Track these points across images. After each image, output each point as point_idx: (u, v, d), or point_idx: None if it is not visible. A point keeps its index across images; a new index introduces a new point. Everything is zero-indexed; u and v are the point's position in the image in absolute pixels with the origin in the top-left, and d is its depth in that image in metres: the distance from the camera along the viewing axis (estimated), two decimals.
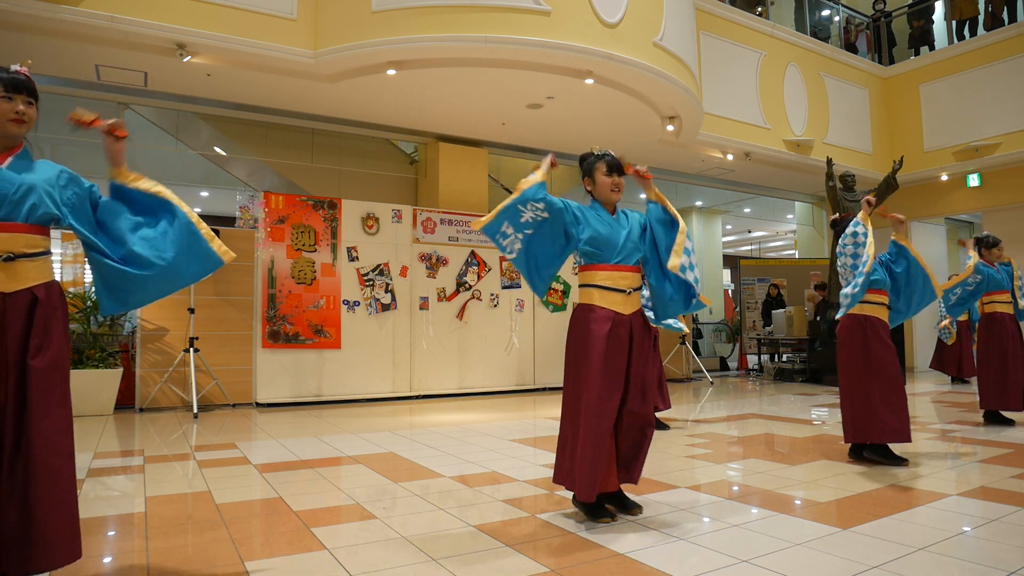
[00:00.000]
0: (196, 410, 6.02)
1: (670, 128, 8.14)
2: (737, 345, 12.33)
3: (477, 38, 6.00)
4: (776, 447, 4.53)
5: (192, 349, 6.26)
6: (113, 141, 2.13)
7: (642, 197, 2.99)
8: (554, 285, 8.49)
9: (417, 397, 7.45)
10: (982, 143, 9.76)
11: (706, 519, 2.81)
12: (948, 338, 8.91)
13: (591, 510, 2.75)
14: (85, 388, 5.89)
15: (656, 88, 7.02)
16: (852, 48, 11.43)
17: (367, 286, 7.21)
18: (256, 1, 6.09)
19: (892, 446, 3.99)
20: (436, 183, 8.64)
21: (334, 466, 3.93)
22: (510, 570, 2.21)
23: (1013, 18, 9.95)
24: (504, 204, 2.64)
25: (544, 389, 8.28)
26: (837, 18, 11.78)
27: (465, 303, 7.82)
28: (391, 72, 6.42)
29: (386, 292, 7.31)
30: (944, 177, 10.65)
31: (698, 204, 13.92)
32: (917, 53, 11.17)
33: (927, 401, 7.22)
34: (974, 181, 10.41)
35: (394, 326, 7.34)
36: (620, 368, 2.73)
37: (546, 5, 6.11)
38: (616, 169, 2.84)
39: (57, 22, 5.41)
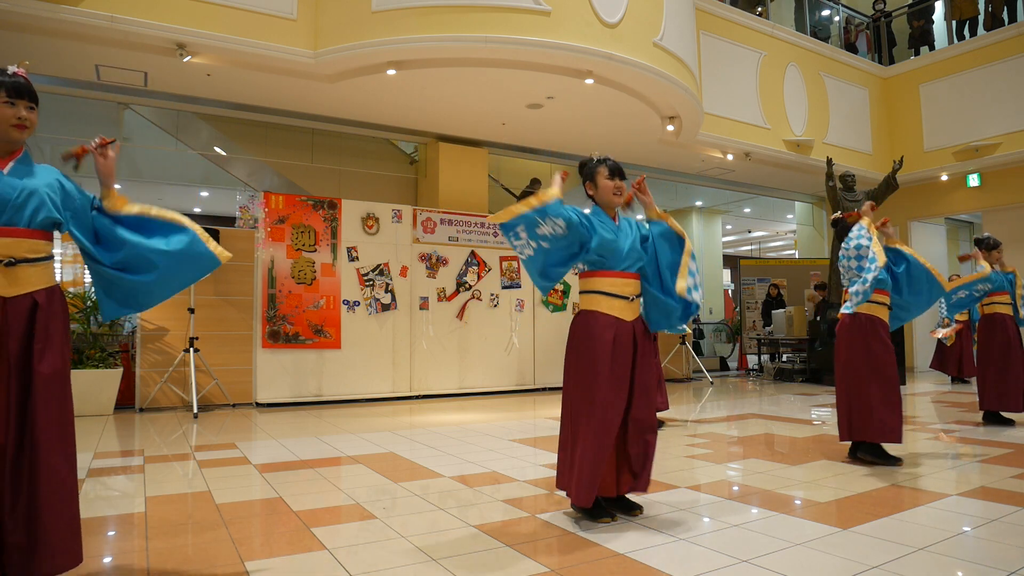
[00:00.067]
0: (196, 410, 6.02)
1: (670, 128, 8.14)
2: (737, 345, 12.33)
3: (477, 38, 6.00)
4: (776, 447, 4.53)
5: (192, 349, 6.27)
6: (103, 160, 2.13)
7: (640, 217, 2.99)
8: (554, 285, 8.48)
9: (417, 397, 7.45)
10: (982, 143, 9.76)
11: (706, 519, 2.81)
12: (948, 340, 8.95)
13: (591, 511, 2.76)
14: (85, 388, 5.90)
15: (656, 88, 7.02)
16: (852, 48, 11.43)
17: (367, 286, 7.21)
18: (256, 1, 6.09)
19: (885, 446, 3.99)
20: (436, 183, 8.64)
21: (334, 466, 3.93)
22: (510, 570, 2.21)
23: (1013, 18, 9.95)
24: (523, 210, 2.56)
25: (544, 389, 8.28)
26: (837, 18, 11.78)
27: (465, 303, 7.82)
28: (391, 72, 6.42)
29: (386, 292, 7.31)
30: (944, 177, 10.65)
31: (698, 204, 13.92)
32: (917, 53, 11.17)
33: (927, 401, 7.21)
34: (974, 181, 10.41)
35: (394, 326, 7.34)
36: (625, 375, 2.73)
37: (546, 5, 6.12)
38: (618, 173, 2.84)
39: (57, 22, 5.42)
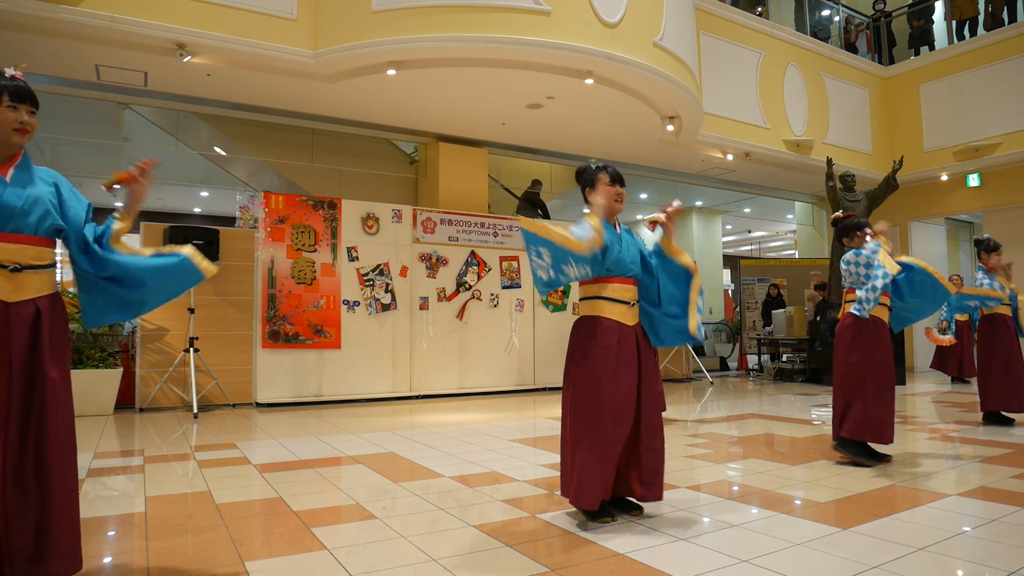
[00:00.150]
0: (196, 410, 6.02)
1: (670, 128, 8.14)
2: (737, 345, 12.33)
3: (477, 38, 6.00)
4: (776, 447, 4.53)
5: (192, 349, 6.26)
6: (140, 188, 2.14)
7: (647, 235, 2.98)
8: None
9: (417, 397, 7.45)
10: (982, 143, 9.76)
11: (706, 519, 2.81)
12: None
13: (592, 511, 2.75)
14: (85, 388, 5.89)
15: (656, 88, 7.02)
16: (852, 48, 11.43)
17: (367, 286, 7.21)
18: (256, 1, 6.09)
19: (875, 445, 4.01)
20: (436, 183, 8.64)
21: (334, 466, 3.93)
22: (510, 570, 2.22)
23: (1013, 18, 9.95)
24: (555, 239, 2.49)
25: (544, 389, 8.28)
26: (837, 18, 11.78)
27: (465, 303, 7.82)
28: (391, 72, 6.42)
29: (386, 292, 7.31)
30: (944, 177, 10.65)
31: (698, 204, 13.91)
32: (917, 53, 11.17)
33: (927, 401, 7.21)
34: (974, 181, 10.41)
35: (394, 326, 7.34)
36: (632, 378, 2.73)
37: (546, 5, 6.12)
38: (619, 180, 2.85)
39: (57, 22, 5.42)
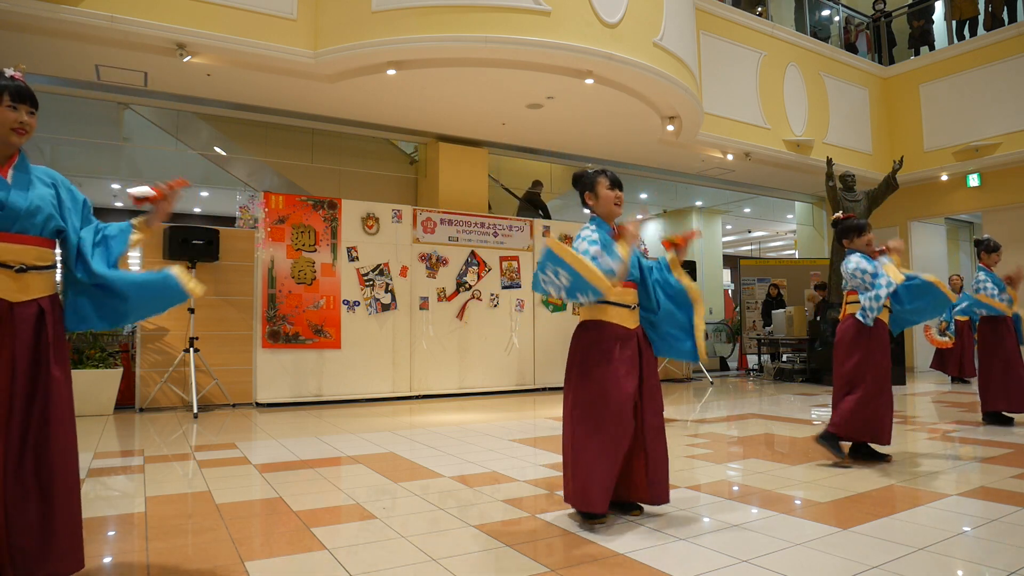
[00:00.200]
0: (196, 410, 6.02)
1: (670, 128, 8.14)
2: (737, 345, 12.33)
3: (477, 38, 6.00)
4: (776, 447, 4.53)
5: (192, 349, 6.27)
6: (168, 204, 2.19)
7: (647, 241, 2.99)
8: None
9: (417, 397, 7.45)
10: (982, 143, 9.76)
11: (706, 519, 2.81)
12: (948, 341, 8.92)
13: (588, 512, 2.73)
14: (85, 388, 5.89)
15: (656, 88, 7.02)
16: (852, 48, 11.43)
17: (367, 286, 7.21)
18: (256, 1, 6.09)
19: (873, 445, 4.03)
20: (436, 183, 8.63)
21: (334, 466, 3.93)
22: (510, 570, 2.21)
23: (1013, 18, 9.95)
24: (582, 271, 2.47)
25: (544, 389, 8.28)
26: (837, 18, 11.78)
27: (465, 303, 7.82)
28: (391, 72, 6.42)
29: (386, 292, 7.31)
30: (944, 177, 10.65)
31: (698, 204, 13.91)
32: (917, 53, 11.17)
33: (927, 401, 7.21)
34: (974, 181, 10.40)
35: (394, 326, 7.34)
36: (634, 382, 2.73)
37: (546, 5, 6.12)
38: (618, 184, 2.85)
39: (57, 22, 5.42)
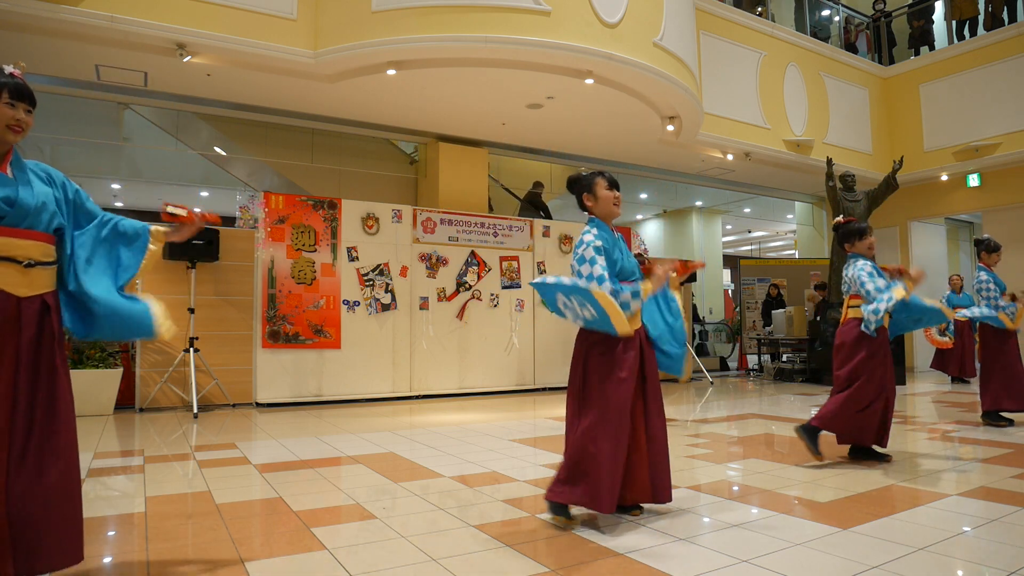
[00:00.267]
0: (196, 410, 6.02)
1: (670, 128, 8.14)
2: (737, 345, 12.33)
3: (477, 38, 6.00)
4: (776, 447, 4.52)
5: (192, 349, 6.27)
6: (193, 229, 2.25)
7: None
8: None
9: (417, 397, 7.45)
10: (982, 143, 9.76)
11: (706, 519, 2.81)
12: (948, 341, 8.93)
13: (563, 509, 2.70)
14: (85, 388, 5.89)
15: (656, 88, 7.02)
16: (852, 48, 11.42)
17: (367, 286, 7.21)
18: (256, 1, 6.09)
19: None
20: (436, 183, 8.63)
21: (334, 466, 3.93)
22: (510, 570, 2.21)
23: (1013, 18, 9.95)
24: (610, 312, 2.52)
25: (544, 389, 8.28)
26: (837, 18, 11.78)
27: (465, 303, 7.82)
28: (391, 72, 6.42)
29: (386, 292, 7.31)
30: (944, 177, 10.65)
31: (698, 204, 13.92)
32: (917, 53, 11.17)
33: (927, 401, 7.21)
34: (974, 181, 10.40)
35: (394, 326, 7.34)
36: (638, 383, 2.74)
37: (546, 5, 6.12)
38: (616, 185, 2.86)
39: (57, 22, 5.42)
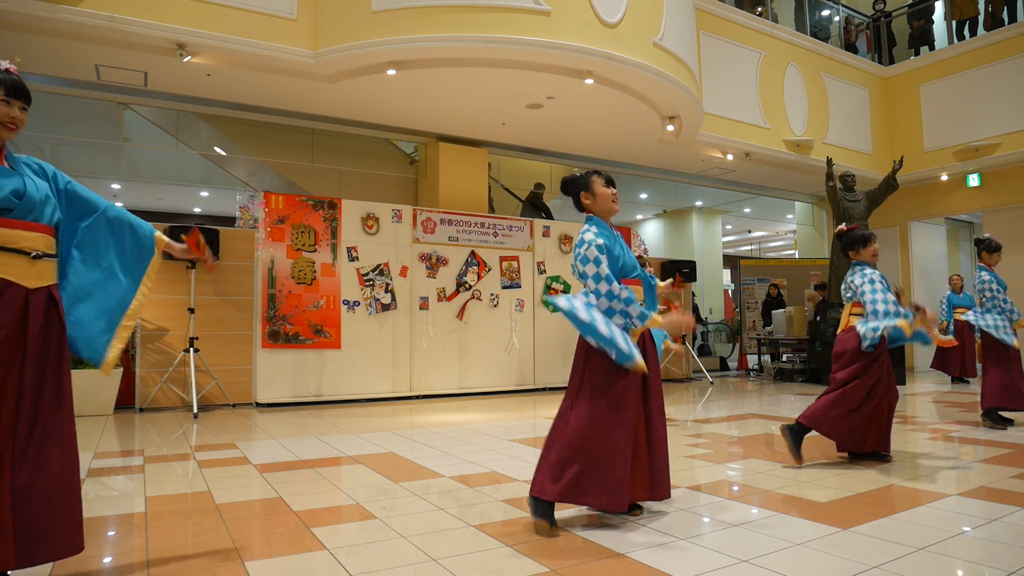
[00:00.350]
0: (196, 410, 6.02)
1: (670, 128, 8.14)
2: (737, 345, 12.33)
3: (477, 38, 6.00)
4: (776, 447, 4.52)
5: (192, 349, 6.27)
6: (189, 255, 2.44)
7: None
8: (554, 285, 8.49)
9: (417, 397, 7.45)
10: (982, 143, 9.76)
11: (706, 519, 2.81)
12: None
13: (548, 514, 2.62)
14: (85, 388, 5.89)
15: (656, 88, 7.02)
16: (852, 48, 11.42)
17: (367, 286, 7.21)
18: (256, 1, 6.09)
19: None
20: (436, 183, 8.63)
21: (334, 466, 3.93)
22: (510, 570, 2.21)
23: (1013, 18, 9.95)
24: (620, 346, 2.52)
25: (544, 389, 8.28)
26: (837, 18, 11.78)
27: (465, 303, 7.82)
28: (391, 72, 6.42)
29: (386, 292, 7.31)
30: (944, 177, 10.65)
31: (698, 204, 13.92)
32: (917, 53, 11.16)
33: (927, 401, 7.21)
34: (974, 181, 10.40)
35: (394, 326, 7.34)
36: (641, 381, 2.74)
37: (546, 5, 6.12)
38: (612, 183, 2.87)
39: (57, 22, 5.42)
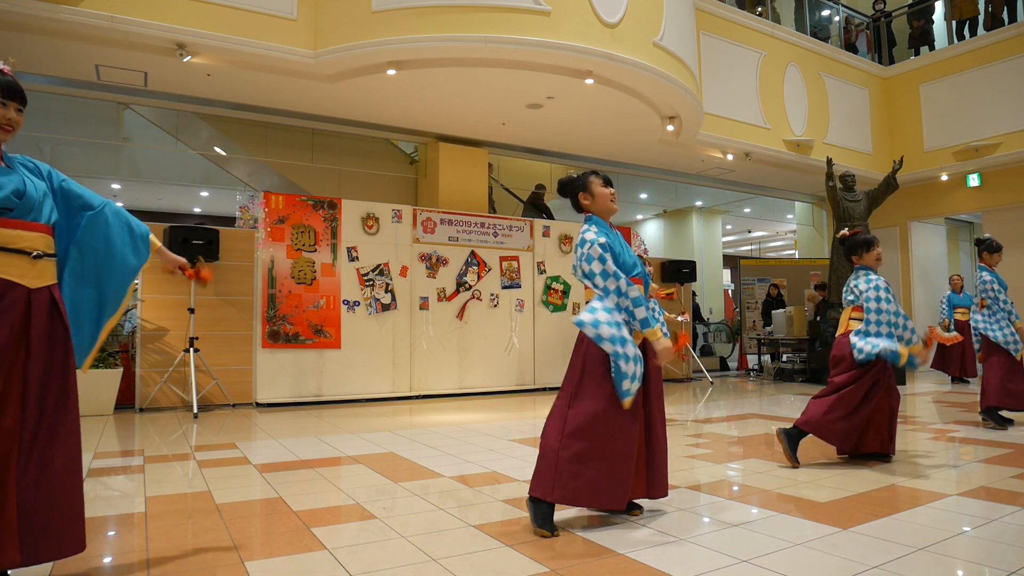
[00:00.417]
0: (196, 410, 6.02)
1: (670, 128, 8.14)
2: (737, 345, 12.33)
3: (477, 38, 6.00)
4: (776, 447, 4.52)
5: (192, 349, 6.27)
6: (179, 266, 2.47)
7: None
8: (554, 285, 8.49)
9: (417, 397, 7.45)
10: (982, 143, 9.76)
11: (706, 519, 2.81)
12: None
13: (548, 520, 2.59)
14: (85, 388, 5.89)
15: (656, 88, 7.02)
16: (852, 48, 11.42)
17: (367, 286, 7.21)
18: (256, 1, 6.09)
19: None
20: (436, 183, 8.63)
21: (334, 466, 3.93)
22: (510, 570, 2.22)
23: (1013, 18, 9.95)
24: (629, 366, 2.57)
25: (544, 389, 8.28)
26: (837, 18, 11.78)
27: (465, 303, 7.82)
28: (391, 72, 6.42)
29: (386, 292, 7.31)
30: (944, 177, 10.65)
31: (698, 204, 13.92)
32: (917, 53, 11.16)
33: (927, 401, 7.21)
34: (974, 181, 10.40)
35: (394, 326, 7.34)
36: (642, 384, 2.74)
37: (546, 5, 6.12)
38: (610, 183, 2.88)
39: (57, 22, 5.42)
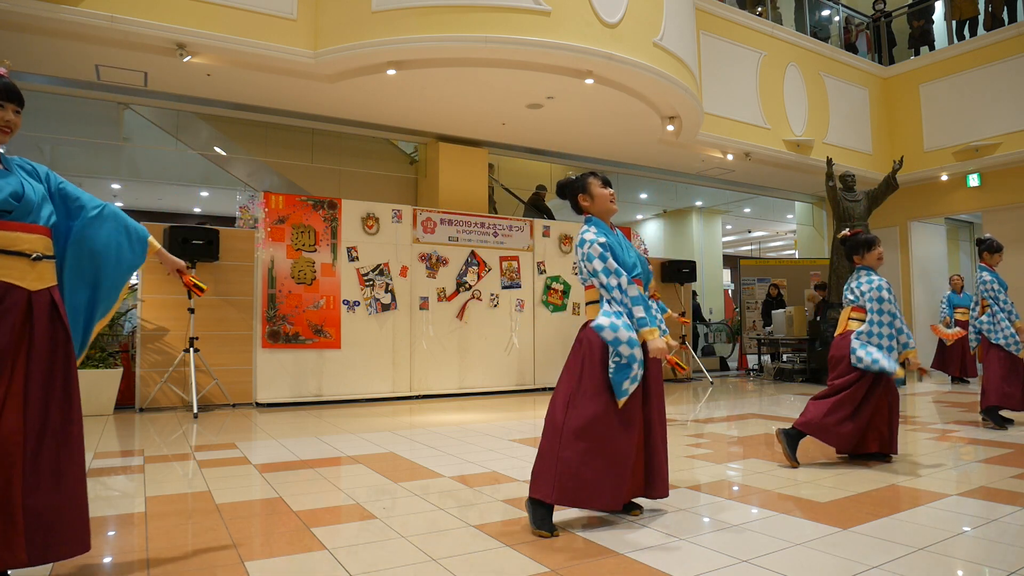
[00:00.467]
0: (196, 410, 6.02)
1: (670, 128, 8.14)
2: (737, 345, 12.33)
3: (477, 38, 6.00)
4: (776, 447, 4.52)
5: (192, 349, 6.26)
6: (174, 267, 2.52)
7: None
8: (554, 285, 8.49)
9: (417, 397, 7.45)
10: (982, 143, 9.76)
11: (706, 519, 2.81)
12: (948, 341, 8.93)
13: (547, 520, 2.59)
14: (85, 388, 5.88)
15: (656, 88, 7.02)
16: (852, 48, 11.42)
17: (367, 286, 7.21)
18: (256, 1, 6.09)
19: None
20: (436, 183, 8.64)
21: (334, 466, 3.93)
22: (510, 570, 2.22)
23: (1013, 18, 9.95)
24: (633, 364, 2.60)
25: (544, 389, 8.28)
26: (837, 18, 11.78)
27: (465, 303, 7.82)
28: (391, 72, 6.42)
29: (386, 292, 7.31)
30: (944, 177, 10.65)
31: (698, 204, 13.93)
32: (917, 53, 11.16)
33: (927, 401, 7.21)
34: (974, 181, 10.40)
35: (394, 326, 7.34)
36: (642, 385, 2.74)
37: (546, 5, 6.12)
38: (609, 183, 2.89)
39: (57, 22, 5.42)
